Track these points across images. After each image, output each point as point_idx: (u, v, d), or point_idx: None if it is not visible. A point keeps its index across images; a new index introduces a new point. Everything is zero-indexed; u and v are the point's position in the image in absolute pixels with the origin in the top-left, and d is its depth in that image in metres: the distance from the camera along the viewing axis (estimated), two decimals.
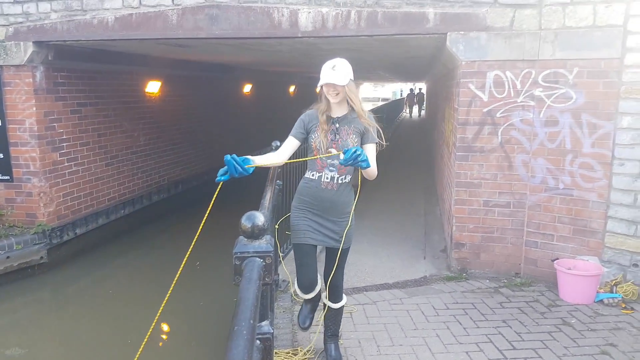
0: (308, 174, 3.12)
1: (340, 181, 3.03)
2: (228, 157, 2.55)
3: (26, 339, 5.33)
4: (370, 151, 3.03)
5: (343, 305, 3.38)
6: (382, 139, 3.15)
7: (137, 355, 2.14)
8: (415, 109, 34.15)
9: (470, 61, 4.78)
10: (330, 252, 3.21)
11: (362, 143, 3.04)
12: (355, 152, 2.63)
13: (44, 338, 5.45)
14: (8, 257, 6.15)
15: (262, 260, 1.64)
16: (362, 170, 2.93)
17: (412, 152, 15.12)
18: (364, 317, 4.14)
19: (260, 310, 1.38)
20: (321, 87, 2.98)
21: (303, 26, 5.17)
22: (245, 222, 1.78)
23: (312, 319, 3.41)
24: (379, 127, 3.12)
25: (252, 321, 1.14)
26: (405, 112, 35.85)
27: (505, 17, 4.66)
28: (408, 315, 4.20)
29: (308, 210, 3.09)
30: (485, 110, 4.82)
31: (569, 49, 4.51)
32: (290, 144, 3.10)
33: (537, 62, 4.63)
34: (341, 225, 3.10)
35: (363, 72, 14.96)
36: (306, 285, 3.21)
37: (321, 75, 2.96)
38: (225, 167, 2.57)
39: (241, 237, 1.79)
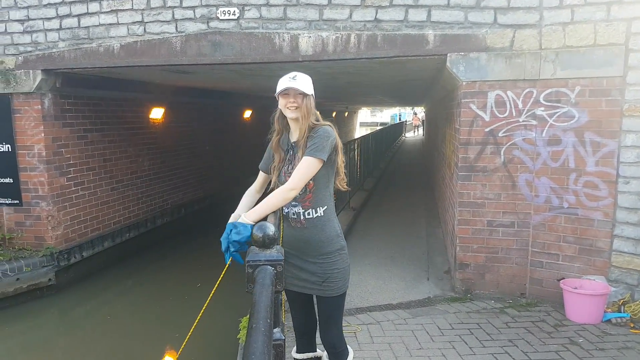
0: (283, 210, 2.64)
1: (307, 215, 2.54)
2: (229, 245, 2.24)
3: None
4: (300, 164, 2.44)
5: None
6: (334, 152, 2.52)
7: None
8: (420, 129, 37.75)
9: (471, 81, 4.84)
10: (320, 301, 2.67)
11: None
12: (228, 244, 2.16)
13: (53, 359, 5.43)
14: (18, 279, 6.26)
15: (273, 268, 1.67)
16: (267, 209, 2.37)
17: (412, 174, 15.18)
18: (368, 337, 4.12)
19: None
20: (277, 106, 2.59)
21: (303, 50, 5.28)
22: (256, 232, 1.82)
23: None
24: (338, 140, 2.54)
25: (268, 320, 1.17)
26: (405, 136, 36.59)
27: (505, 38, 4.74)
28: (413, 335, 4.17)
29: (287, 251, 2.54)
30: (487, 130, 4.86)
31: (570, 68, 4.55)
32: (260, 179, 2.81)
33: (539, 81, 4.68)
34: (323, 267, 2.56)
35: (362, 96, 15.15)
36: (298, 330, 2.85)
37: (278, 87, 2.54)
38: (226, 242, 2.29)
39: (253, 247, 1.82)
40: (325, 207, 2.58)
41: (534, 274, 4.90)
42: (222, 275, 2.27)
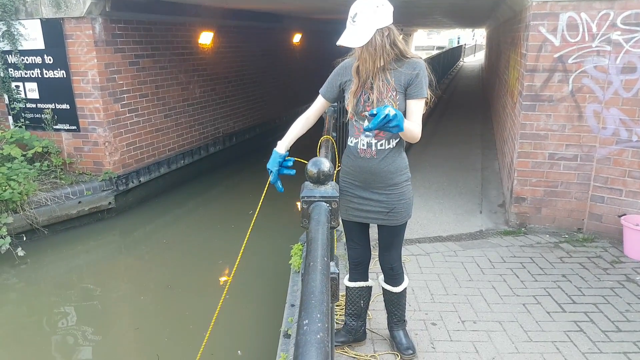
0: (348, 140, 2.64)
1: (379, 147, 2.50)
2: (272, 171, 2.51)
3: (100, 278, 5.73)
4: (414, 109, 2.41)
5: (405, 288, 2.90)
6: (431, 91, 2.50)
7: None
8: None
9: (542, 1, 4.42)
10: (382, 230, 2.73)
11: (406, 98, 2.43)
12: (386, 116, 2.05)
13: (116, 277, 5.85)
14: (80, 202, 6.62)
15: (328, 205, 1.64)
16: (401, 134, 2.34)
17: (469, 103, 14.60)
18: (417, 267, 4.14)
19: None
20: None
21: None
22: (311, 168, 1.79)
23: (349, 334, 2.99)
24: (431, 76, 2.48)
25: (325, 259, 1.16)
26: (463, 61, 35.00)
27: None
28: (462, 266, 4.16)
29: (350, 182, 2.63)
30: (556, 55, 4.49)
31: None
32: (317, 105, 2.65)
33: (617, 2, 4.22)
34: (390, 197, 2.57)
35: (419, 17, 14.32)
36: (354, 260, 2.88)
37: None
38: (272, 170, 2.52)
39: (307, 182, 1.80)
40: (398, 139, 2.54)
41: (594, 209, 4.71)
42: (266, 189, 2.57)
